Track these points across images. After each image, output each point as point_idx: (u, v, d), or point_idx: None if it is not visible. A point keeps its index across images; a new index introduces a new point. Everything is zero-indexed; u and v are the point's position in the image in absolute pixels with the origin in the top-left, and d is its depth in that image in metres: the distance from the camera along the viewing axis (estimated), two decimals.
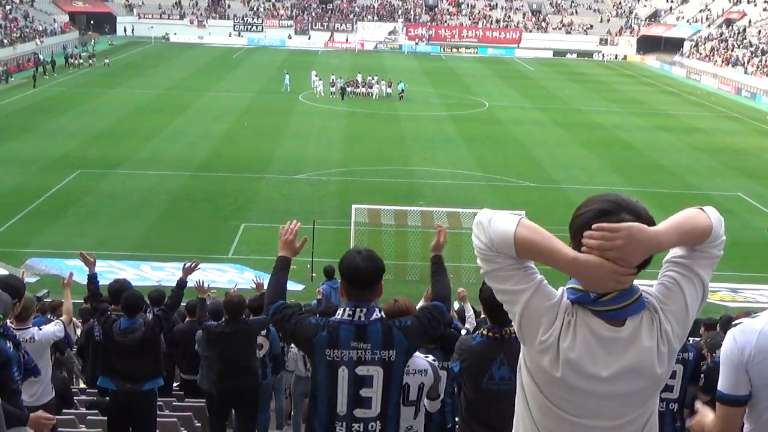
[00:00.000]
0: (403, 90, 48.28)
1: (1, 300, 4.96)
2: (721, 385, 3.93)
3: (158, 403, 7.68)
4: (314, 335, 3.96)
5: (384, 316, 4.02)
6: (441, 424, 5.75)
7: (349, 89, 48.32)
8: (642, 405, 2.41)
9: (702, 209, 2.44)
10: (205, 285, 8.34)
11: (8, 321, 6.15)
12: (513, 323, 2.42)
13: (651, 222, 2.33)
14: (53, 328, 6.77)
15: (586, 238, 2.27)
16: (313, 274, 19.13)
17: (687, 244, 2.42)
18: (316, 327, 3.98)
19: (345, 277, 3.97)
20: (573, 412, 2.38)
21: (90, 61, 58.49)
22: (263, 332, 8.63)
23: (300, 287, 19.07)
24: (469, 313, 9.15)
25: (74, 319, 11.23)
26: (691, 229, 2.38)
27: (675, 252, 2.46)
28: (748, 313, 4.77)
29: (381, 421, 4.02)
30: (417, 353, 4.93)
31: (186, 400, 9.11)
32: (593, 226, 2.27)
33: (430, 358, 4.95)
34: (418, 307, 8.67)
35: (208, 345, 8.16)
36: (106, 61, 57.81)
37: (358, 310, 3.93)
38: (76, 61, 57.45)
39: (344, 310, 3.96)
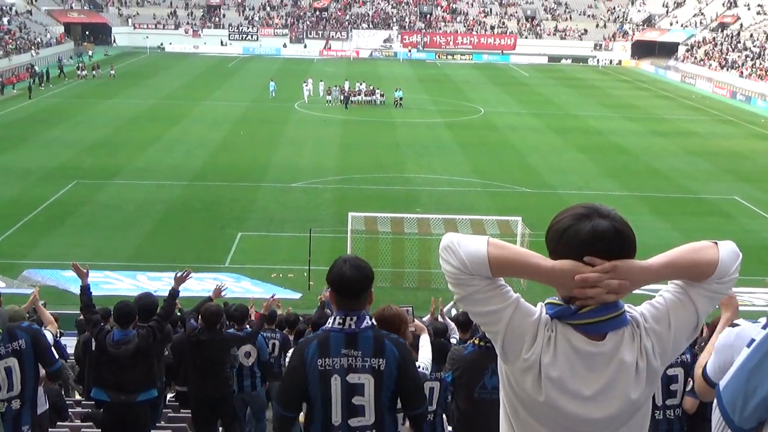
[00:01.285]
0: (401, 97, 48.37)
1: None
2: (709, 366, 3.94)
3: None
4: (304, 354, 3.96)
5: (375, 324, 4.02)
6: None
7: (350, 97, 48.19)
8: (624, 425, 2.35)
9: (716, 243, 2.36)
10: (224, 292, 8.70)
11: None
12: (495, 344, 2.35)
13: (627, 227, 2.29)
14: None
15: (580, 280, 2.23)
16: (311, 282, 19.16)
17: (687, 278, 2.34)
18: (304, 346, 3.98)
19: (333, 287, 3.96)
20: (557, 430, 2.34)
21: (94, 72, 58.62)
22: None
23: (297, 295, 19.08)
24: (451, 326, 8.66)
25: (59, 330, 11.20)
26: (691, 265, 2.31)
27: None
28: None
29: (377, 429, 3.99)
30: None
31: (181, 411, 9.10)
32: (585, 258, 2.23)
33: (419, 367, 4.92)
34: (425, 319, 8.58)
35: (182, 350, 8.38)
36: (111, 72, 57.89)
37: (348, 318, 3.93)
38: (82, 72, 57.66)
39: (335, 318, 3.97)
